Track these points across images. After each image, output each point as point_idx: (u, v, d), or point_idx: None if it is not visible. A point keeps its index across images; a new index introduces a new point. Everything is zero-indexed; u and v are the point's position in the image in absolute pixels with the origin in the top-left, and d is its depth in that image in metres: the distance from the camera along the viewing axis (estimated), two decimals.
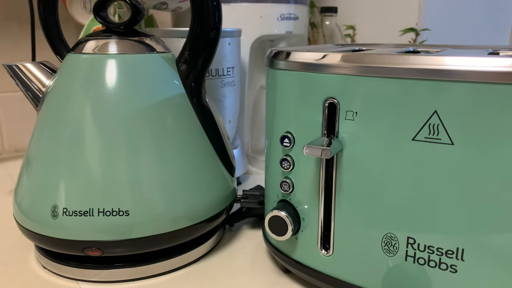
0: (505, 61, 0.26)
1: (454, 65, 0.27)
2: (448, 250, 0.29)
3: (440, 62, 0.27)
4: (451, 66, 0.27)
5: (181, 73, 0.42)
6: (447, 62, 0.27)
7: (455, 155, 0.28)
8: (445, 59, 0.27)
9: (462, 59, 0.27)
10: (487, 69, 0.26)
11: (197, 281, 0.39)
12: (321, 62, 0.32)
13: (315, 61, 0.32)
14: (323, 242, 0.35)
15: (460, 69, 0.26)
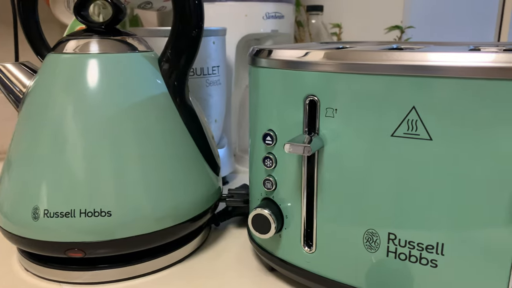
0: (481, 56, 0.26)
1: (431, 61, 0.27)
2: (429, 245, 0.29)
3: (417, 58, 0.27)
4: (427, 62, 0.27)
5: (163, 72, 0.42)
6: (424, 58, 0.27)
7: (434, 150, 0.28)
8: (422, 55, 0.27)
9: (439, 55, 0.27)
10: (464, 64, 0.26)
11: (182, 281, 0.39)
12: (301, 59, 0.32)
13: (295, 59, 0.32)
14: (306, 239, 0.35)
15: (436, 65, 0.27)
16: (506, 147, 0.26)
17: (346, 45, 0.42)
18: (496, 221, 0.27)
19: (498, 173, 0.27)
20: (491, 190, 0.27)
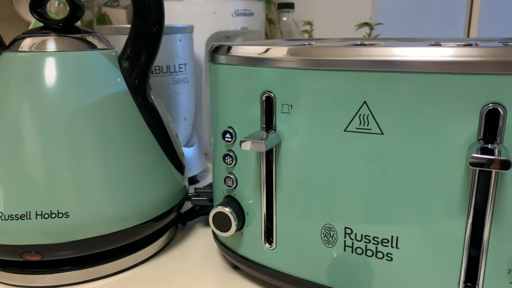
0: (430, 51, 0.26)
1: (380, 55, 0.27)
2: (384, 238, 0.30)
3: (367, 53, 0.27)
4: (376, 56, 0.27)
5: (123, 71, 0.41)
6: (374, 53, 0.27)
7: (385, 144, 0.28)
8: (372, 50, 0.28)
9: (389, 50, 0.27)
10: (412, 58, 0.26)
11: (146, 281, 0.39)
12: (256, 56, 0.32)
13: (252, 55, 0.32)
14: (267, 236, 0.35)
15: (386, 59, 0.27)
16: (456, 140, 0.26)
17: (312, 42, 0.43)
18: (447, 213, 0.28)
19: (448, 166, 0.27)
20: (442, 183, 0.27)
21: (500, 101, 0.25)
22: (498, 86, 0.25)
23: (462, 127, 0.26)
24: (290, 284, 0.34)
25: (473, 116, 0.26)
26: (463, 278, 0.28)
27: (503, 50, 0.25)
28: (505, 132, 0.25)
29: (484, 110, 0.25)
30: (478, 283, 0.28)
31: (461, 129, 0.26)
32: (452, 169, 0.27)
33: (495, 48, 0.25)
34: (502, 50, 0.25)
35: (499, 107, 0.25)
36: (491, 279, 0.28)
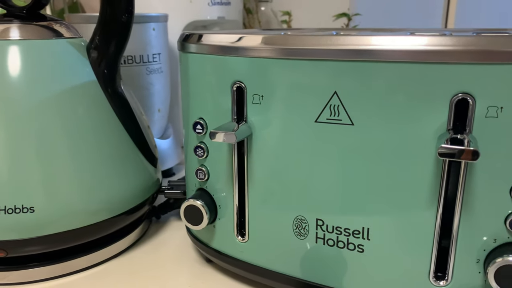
0: (399, 40, 0.26)
1: (348, 44, 0.27)
2: (355, 230, 0.29)
3: (336, 42, 0.27)
4: (345, 46, 0.27)
5: (92, 60, 0.40)
6: (343, 42, 0.27)
7: (356, 135, 0.28)
8: (342, 39, 0.27)
9: (358, 39, 0.27)
10: (381, 48, 0.26)
11: (118, 276, 0.38)
12: (227, 44, 0.31)
13: (222, 44, 0.31)
14: (239, 228, 0.34)
15: (354, 49, 0.26)
16: (426, 130, 0.26)
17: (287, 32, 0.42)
18: (418, 204, 0.27)
19: (419, 157, 0.27)
20: (412, 174, 0.27)
21: (469, 91, 0.25)
22: (468, 75, 0.25)
23: (432, 117, 0.26)
24: (262, 277, 0.34)
25: (443, 106, 0.26)
26: (434, 268, 0.28)
27: (472, 39, 0.25)
28: (474, 122, 0.25)
29: (453, 100, 0.25)
30: (448, 273, 0.28)
31: (431, 119, 0.26)
32: (423, 160, 0.27)
33: (464, 37, 0.25)
34: (471, 39, 0.25)
35: (468, 97, 0.25)
36: (461, 268, 0.28)
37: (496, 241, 0.27)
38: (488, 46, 0.24)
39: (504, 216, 0.26)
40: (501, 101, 0.25)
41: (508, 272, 0.26)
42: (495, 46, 0.24)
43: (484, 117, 0.25)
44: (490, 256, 0.27)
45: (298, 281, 0.32)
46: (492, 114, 0.25)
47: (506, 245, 0.27)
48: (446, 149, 0.24)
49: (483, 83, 0.25)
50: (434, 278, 0.28)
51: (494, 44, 0.24)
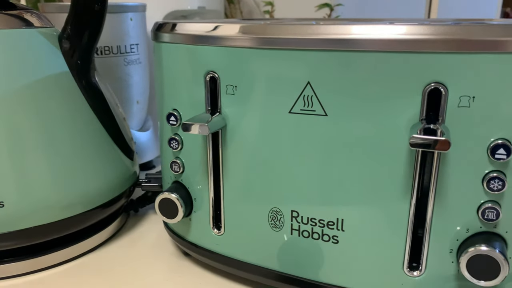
0: (371, 29, 0.25)
1: (322, 34, 0.26)
2: (329, 221, 0.29)
3: (310, 32, 0.26)
4: (320, 35, 0.26)
5: (64, 51, 0.39)
6: (318, 31, 0.26)
7: (329, 126, 0.27)
8: (315, 28, 0.27)
9: (331, 28, 0.26)
10: (354, 37, 0.26)
11: (94, 270, 0.37)
12: (197, 33, 0.30)
13: (194, 33, 0.31)
14: (215, 221, 0.34)
15: (326, 38, 0.26)
16: (399, 120, 0.26)
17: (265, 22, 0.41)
18: (391, 195, 0.27)
19: (392, 147, 0.27)
20: (386, 164, 0.27)
21: (441, 80, 0.25)
22: (440, 65, 0.25)
23: (405, 107, 0.26)
24: (239, 269, 0.34)
25: (416, 96, 0.25)
26: (408, 259, 0.28)
27: (444, 29, 0.24)
28: (447, 112, 0.25)
29: (426, 89, 0.25)
30: (422, 263, 0.28)
31: (405, 109, 0.26)
32: (396, 150, 0.26)
33: (436, 26, 0.24)
34: (443, 29, 0.24)
35: (440, 87, 0.25)
36: (434, 258, 0.28)
37: (468, 231, 0.27)
38: (460, 35, 0.24)
39: (477, 206, 0.26)
40: (473, 91, 0.25)
41: (480, 262, 0.26)
42: (467, 35, 0.24)
43: (456, 106, 0.25)
44: (463, 245, 0.27)
45: (275, 273, 0.32)
46: (464, 103, 0.25)
47: (479, 235, 0.27)
48: (417, 139, 0.23)
49: (455, 72, 0.24)
50: (408, 268, 0.28)
51: (465, 33, 0.24)
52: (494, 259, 0.26)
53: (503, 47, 0.24)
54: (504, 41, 0.24)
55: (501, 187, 0.25)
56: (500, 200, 0.26)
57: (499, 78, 0.24)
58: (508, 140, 0.25)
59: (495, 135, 0.25)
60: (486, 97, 0.25)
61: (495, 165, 0.25)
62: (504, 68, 0.24)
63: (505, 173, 0.26)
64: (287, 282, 0.32)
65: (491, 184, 0.26)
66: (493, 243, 0.26)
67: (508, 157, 0.25)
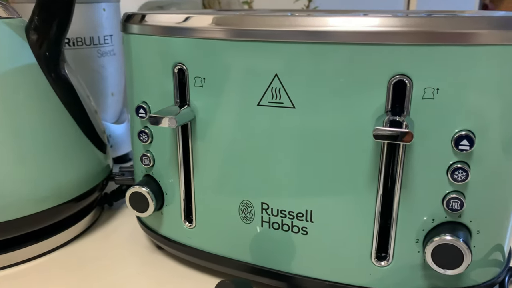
0: (337, 21, 0.25)
1: (289, 26, 0.26)
2: (299, 213, 0.29)
3: (277, 23, 0.26)
4: (286, 27, 0.26)
5: (31, 42, 0.38)
6: (286, 23, 0.26)
7: (297, 118, 0.27)
8: (282, 19, 0.26)
9: (299, 20, 0.26)
10: (319, 29, 0.25)
11: (67, 264, 0.37)
12: (165, 25, 0.30)
13: (162, 24, 0.30)
14: (186, 214, 0.34)
15: (293, 30, 0.26)
16: (365, 112, 0.26)
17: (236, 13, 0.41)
18: (358, 186, 0.28)
19: (359, 139, 0.27)
20: (353, 156, 0.27)
21: (406, 72, 0.25)
22: (404, 57, 0.25)
23: (371, 99, 0.26)
24: (211, 262, 0.34)
25: (381, 88, 0.25)
26: (375, 249, 0.29)
27: (409, 20, 0.24)
28: (411, 104, 0.25)
29: (391, 81, 0.25)
30: (389, 253, 0.29)
31: (371, 101, 0.26)
32: (362, 142, 0.27)
33: (401, 18, 0.24)
34: (408, 21, 0.24)
35: (405, 79, 0.25)
36: (401, 248, 0.28)
37: (434, 221, 0.27)
38: (423, 28, 0.24)
39: (442, 196, 0.27)
40: (437, 83, 0.25)
41: (444, 251, 0.26)
42: (430, 27, 0.24)
43: (421, 98, 0.25)
44: (429, 235, 0.27)
45: (246, 265, 0.32)
46: (428, 95, 0.25)
47: (444, 225, 0.27)
48: (380, 131, 0.23)
49: (420, 64, 0.25)
50: (376, 258, 0.29)
51: (429, 25, 0.24)
52: (457, 248, 0.26)
53: (466, 40, 0.24)
54: (468, 33, 0.24)
55: (465, 177, 0.26)
56: (464, 191, 0.27)
57: (463, 70, 0.24)
58: (471, 131, 0.25)
59: (458, 127, 0.25)
60: (450, 89, 0.25)
61: (459, 156, 0.26)
62: (467, 61, 0.24)
63: (469, 164, 0.26)
64: (259, 274, 0.32)
65: (455, 175, 0.26)
66: (458, 233, 0.27)
67: (471, 148, 0.25)
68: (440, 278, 0.29)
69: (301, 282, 0.31)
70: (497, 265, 0.30)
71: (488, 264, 0.29)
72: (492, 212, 0.28)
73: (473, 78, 0.25)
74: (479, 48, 0.24)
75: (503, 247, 0.30)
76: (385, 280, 0.29)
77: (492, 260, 0.30)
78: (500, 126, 0.26)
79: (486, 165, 0.26)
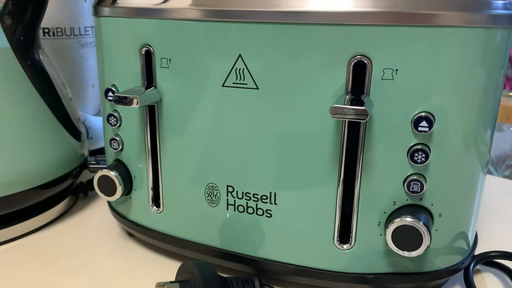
0: (300, 2, 0.25)
1: (252, 6, 0.26)
2: (263, 195, 0.29)
3: (243, 4, 0.26)
4: (249, 7, 0.26)
5: (5, 27, 0.38)
6: (249, 3, 0.26)
7: (261, 99, 0.28)
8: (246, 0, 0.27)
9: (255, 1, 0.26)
10: (282, 9, 0.26)
11: (36, 250, 0.36)
12: (131, 6, 0.30)
13: (128, 6, 0.30)
14: (154, 199, 0.34)
15: (254, 10, 0.26)
16: (326, 93, 0.26)
17: None
18: (320, 167, 0.28)
19: (320, 120, 0.27)
20: (315, 137, 0.27)
21: (365, 53, 0.25)
22: (364, 37, 0.25)
23: (333, 80, 0.26)
24: (179, 247, 0.34)
25: (342, 68, 0.26)
26: (338, 232, 0.29)
27: (368, 1, 0.24)
28: (371, 85, 0.26)
29: (351, 62, 0.25)
30: (351, 236, 0.29)
31: (332, 82, 0.26)
32: (324, 123, 0.27)
33: None
34: (367, 1, 0.24)
35: (365, 59, 0.25)
36: (363, 231, 0.28)
37: (395, 204, 0.27)
38: (382, 8, 0.24)
39: (403, 178, 0.27)
40: (396, 64, 0.25)
41: (404, 233, 0.26)
42: (389, 7, 0.24)
43: (380, 79, 0.25)
44: (390, 218, 0.27)
45: (214, 250, 0.32)
46: (388, 76, 0.25)
47: (405, 207, 0.27)
48: (337, 109, 0.24)
49: (379, 45, 0.25)
50: (338, 241, 0.29)
51: (388, 5, 0.24)
52: (417, 229, 0.26)
53: (425, 21, 0.24)
54: (426, 14, 0.24)
55: (425, 159, 0.26)
56: (424, 173, 0.27)
57: (422, 51, 0.25)
58: (430, 112, 0.26)
59: (418, 108, 0.26)
60: (409, 70, 0.25)
61: (418, 138, 0.26)
62: (426, 41, 0.24)
63: (429, 146, 0.26)
64: (225, 258, 0.32)
65: (415, 157, 0.26)
66: (418, 215, 0.27)
67: (430, 129, 0.25)
68: (403, 262, 0.29)
69: (266, 266, 0.31)
70: (461, 252, 0.30)
71: (451, 250, 0.30)
72: (455, 197, 0.28)
73: (432, 59, 0.25)
74: (438, 29, 0.24)
75: (467, 233, 0.30)
76: (348, 263, 0.29)
77: (455, 247, 0.30)
78: (461, 109, 0.26)
79: (446, 148, 0.26)
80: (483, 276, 0.34)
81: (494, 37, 0.25)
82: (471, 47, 0.25)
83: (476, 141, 0.27)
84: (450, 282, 0.33)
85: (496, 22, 0.25)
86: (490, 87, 0.26)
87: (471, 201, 0.29)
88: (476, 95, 0.26)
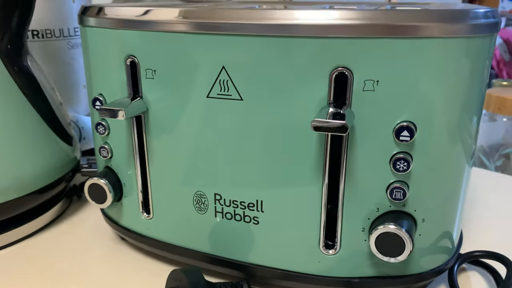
0: (280, 14, 0.26)
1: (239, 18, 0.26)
2: (250, 203, 0.30)
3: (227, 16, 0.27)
4: (236, 20, 0.26)
5: None
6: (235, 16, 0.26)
7: (245, 110, 0.28)
8: (230, 12, 0.27)
9: (244, 13, 0.26)
10: (264, 22, 0.26)
11: (29, 256, 0.37)
12: (119, 17, 0.30)
13: (115, 17, 0.30)
14: (144, 205, 0.34)
15: (237, 22, 0.26)
16: (309, 104, 0.27)
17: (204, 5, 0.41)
18: (304, 176, 0.28)
19: (304, 130, 0.27)
20: (299, 147, 0.28)
21: (347, 64, 0.25)
22: (345, 49, 0.25)
23: (315, 91, 0.26)
24: (169, 252, 0.34)
25: (324, 80, 0.26)
26: (323, 238, 0.29)
27: (350, 14, 0.25)
28: (353, 96, 0.26)
29: (333, 74, 0.26)
30: (337, 241, 0.29)
31: (314, 93, 0.26)
32: (307, 133, 0.27)
33: (341, 11, 0.25)
34: (349, 14, 0.25)
35: (346, 71, 0.25)
36: (348, 237, 0.29)
37: (379, 210, 0.28)
38: (362, 20, 0.24)
39: (386, 186, 0.27)
40: (377, 75, 0.25)
41: (387, 239, 0.27)
42: (369, 20, 0.24)
43: (361, 90, 0.26)
44: (374, 224, 0.28)
45: (203, 255, 0.33)
46: (369, 87, 0.25)
47: (388, 214, 0.28)
48: (318, 122, 0.24)
49: (360, 57, 0.25)
50: (324, 247, 0.29)
51: (367, 18, 0.24)
52: (399, 236, 0.27)
53: (405, 32, 0.24)
54: (406, 26, 0.24)
55: (407, 167, 0.26)
56: (407, 180, 0.27)
57: (403, 62, 0.25)
58: (412, 122, 0.26)
59: (399, 118, 0.26)
60: (390, 81, 0.25)
61: (400, 147, 0.26)
62: (407, 53, 0.25)
63: (411, 154, 0.27)
64: (214, 263, 0.33)
65: (397, 165, 0.27)
66: (401, 222, 0.27)
67: (411, 139, 0.26)
68: (388, 265, 0.29)
69: (254, 271, 0.31)
70: (446, 252, 0.31)
71: (436, 251, 0.30)
72: (438, 201, 0.29)
73: (413, 70, 0.25)
74: (419, 40, 0.24)
75: (452, 234, 0.31)
76: (334, 268, 0.30)
77: (440, 247, 0.30)
78: (441, 118, 0.26)
79: (428, 155, 0.27)
80: (468, 275, 0.35)
81: (476, 46, 0.26)
82: (452, 57, 0.25)
83: (458, 148, 0.27)
84: (435, 282, 0.33)
85: (477, 31, 0.25)
86: (473, 94, 0.27)
87: (454, 203, 0.30)
88: (458, 103, 0.26)
